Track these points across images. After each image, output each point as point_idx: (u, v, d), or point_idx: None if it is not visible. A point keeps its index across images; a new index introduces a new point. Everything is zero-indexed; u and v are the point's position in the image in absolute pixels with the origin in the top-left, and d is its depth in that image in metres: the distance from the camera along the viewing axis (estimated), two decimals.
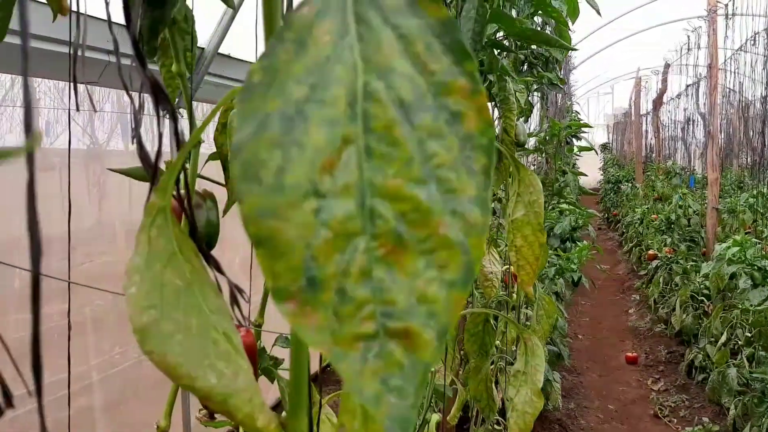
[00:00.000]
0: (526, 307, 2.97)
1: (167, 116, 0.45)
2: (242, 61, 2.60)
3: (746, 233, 4.64)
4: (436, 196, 0.27)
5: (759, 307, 3.08)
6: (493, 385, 2.63)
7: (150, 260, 0.42)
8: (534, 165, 3.39)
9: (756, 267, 3.30)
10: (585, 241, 4.58)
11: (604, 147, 17.70)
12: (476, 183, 0.28)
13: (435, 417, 1.34)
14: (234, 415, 0.42)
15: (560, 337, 3.87)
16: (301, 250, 0.25)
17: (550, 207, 5.29)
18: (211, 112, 0.52)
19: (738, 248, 3.37)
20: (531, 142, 2.89)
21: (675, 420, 4.60)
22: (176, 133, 0.42)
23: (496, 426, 2.26)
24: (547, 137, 2.80)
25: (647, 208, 7.40)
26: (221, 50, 2.45)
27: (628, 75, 14.11)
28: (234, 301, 0.49)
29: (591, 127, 3.31)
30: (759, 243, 3.37)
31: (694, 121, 10.81)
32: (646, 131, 12.76)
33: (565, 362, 4.24)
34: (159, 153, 0.41)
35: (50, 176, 2.23)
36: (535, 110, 3.23)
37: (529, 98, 2.36)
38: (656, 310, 5.99)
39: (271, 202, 0.24)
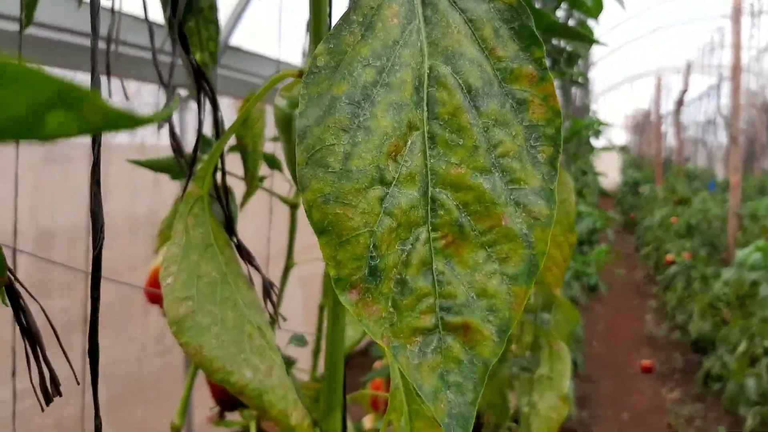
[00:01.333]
0: (542, 312, 2.96)
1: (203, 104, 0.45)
2: (253, 54, 2.60)
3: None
4: (499, 187, 0.27)
5: None
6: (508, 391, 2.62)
7: (187, 250, 0.42)
8: None
9: None
10: (603, 244, 4.56)
11: (623, 148, 17.63)
12: (542, 174, 0.27)
13: None
14: (268, 411, 0.42)
15: (575, 343, 3.86)
16: (365, 238, 0.24)
17: None
18: (243, 103, 0.52)
19: (761, 254, 3.35)
20: None
21: (690, 430, 4.58)
22: (216, 121, 0.42)
23: None
24: (568, 136, 2.78)
25: (667, 211, 7.36)
26: (232, 43, 2.45)
27: (647, 74, 14.04)
28: (267, 295, 0.49)
29: (611, 125, 3.29)
30: None
31: (715, 123, 10.75)
32: (666, 133, 12.69)
33: (579, 369, 4.22)
34: (198, 142, 0.41)
35: (57, 168, 2.24)
36: None
37: None
38: (673, 316, 5.96)
39: (337, 188, 0.24)
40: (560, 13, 2.50)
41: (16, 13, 1.24)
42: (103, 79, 0.61)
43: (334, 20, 0.30)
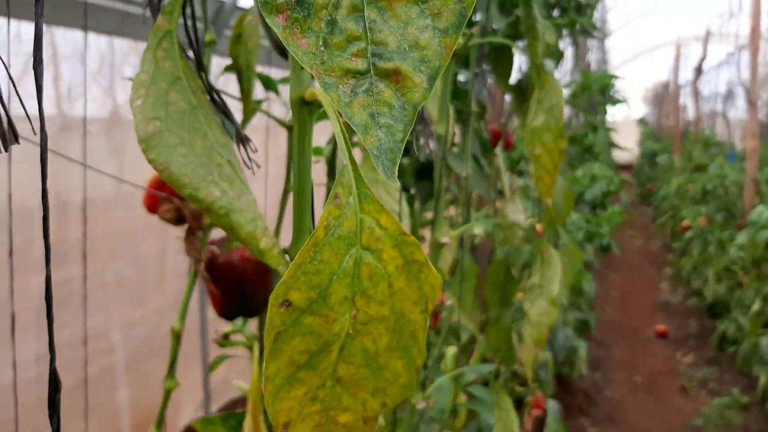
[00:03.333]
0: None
1: None
2: None
3: None
4: None
5: None
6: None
7: (155, 77, 0.44)
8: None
9: None
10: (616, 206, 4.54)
11: (641, 120, 17.39)
12: None
13: (451, 350, 1.36)
14: (236, 232, 0.43)
15: (587, 304, 3.86)
16: None
17: (581, 172, 5.24)
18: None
19: None
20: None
21: (703, 392, 4.57)
22: None
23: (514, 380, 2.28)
24: (578, 91, 2.76)
25: (684, 179, 7.28)
26: (240, 4, 2.45)
27: (667, 44, 13.78)
28: (240, 141, 0.51)
29: (620, 78, 3.26)
30: None
31: (734, 95, 10.56)
32: (685, 105, 12.50)
33: (591, 330, 4.23)
34: None
35: (70, 142, 2.27)
36: (567, 64, 3.18)
37: (560, 46, 2.33)
38: (688, 282, 5.92)
39: None
40: None
41: None
42: None
43: None
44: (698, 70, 8.73)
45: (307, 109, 0.43)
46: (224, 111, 0.49)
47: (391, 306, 0.34)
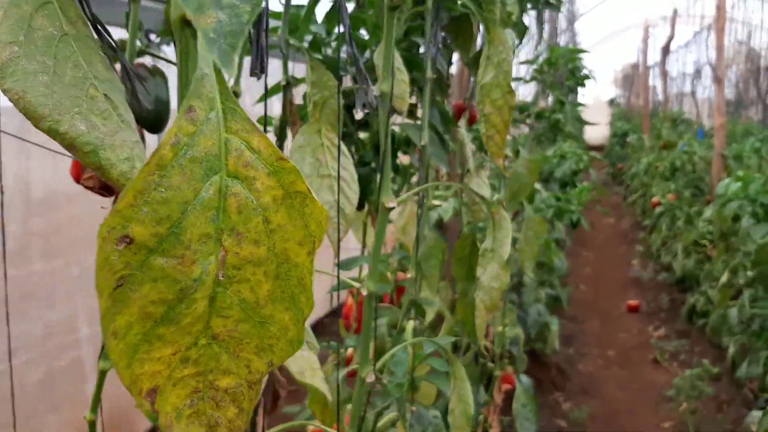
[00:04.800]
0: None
1: None
2: None
3: None
4: None
5: (761, 241, 3.02)
6: None
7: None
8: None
9: (760, 203, 3.24)
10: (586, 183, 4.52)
11: (612, 101, 17.49)
12: None
13: (410, 324, 1.31)
14: (107, 172, 0.37)
15: (559, 280, 3.84)
16: None
17: (551, 151, 5.21)
18: None
19: (741, 183, 3.31)
20: (525, 71, 2.81)
21: (675, 364, 4.60)
22: None
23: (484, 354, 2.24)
24: (545, 66, 2.71)
25: (653, 157, 7.30)
26: None
27: (635, 26, 13.82)
28: (129, 79, 0.44)
29: (587, 52, 3.22)
30: (761, 178, 3.29)
31: (702, 74, 10.62)
32: (654, 85, 12.56)
33: (563, 306, 4.22)
34: None
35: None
36: (535, 44, 3.13)
37: (524, 21, 2.28)
38: (658, 257, 5.96)
39: None
40: None
41: None
42: None
43: None
44: (666, 50, 8.75)
45: (190, 31, 0.36)
46: (111, 46, 0.43)
47: (270, 246, 0.28)
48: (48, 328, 2.39)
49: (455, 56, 2.20)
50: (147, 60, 0.93)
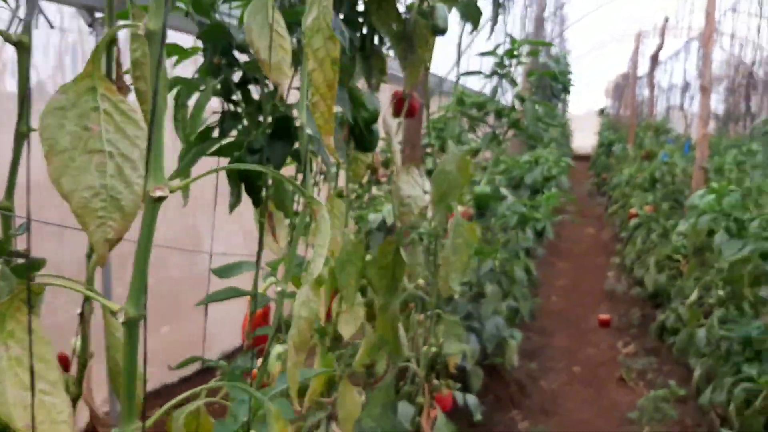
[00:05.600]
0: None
1: None
2: None
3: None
4: None
5: (731, 258, 2.78)
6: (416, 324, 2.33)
7: None
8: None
9: (733, 218, 3.00)
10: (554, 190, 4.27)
11: (602, 111, 17.32)
12: None
13: (277, 349, 1.05)
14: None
15: (529, 291, 3.59)
16: None
17: (527, 156, 4.96)
18: None
19: (714, 196, 3.07)
20: (485, 65, 2.55)
21: (641, 383, 4.36)
22: None
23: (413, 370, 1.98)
24: (505, 58, 2.46)
25: (635, 168, 7.08)
26: None
27: (626, 36, 13.62)
28: None
29: (552, 45, 2.96)
30: (737, 191, 3.05)
31: (691, 86, 10.42)
32: (642, 96, 12.35)
33: (525, 319, 3.97)
34: None
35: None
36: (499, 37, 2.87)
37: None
38: (632, 270, 5.72)
39: None
40: None
41: None
42: None
43: None
44: (654, 58, 8.52)
45: None
46: None
47: None
48: None
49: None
50: None
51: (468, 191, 2.64)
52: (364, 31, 1.53)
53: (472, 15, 1.76)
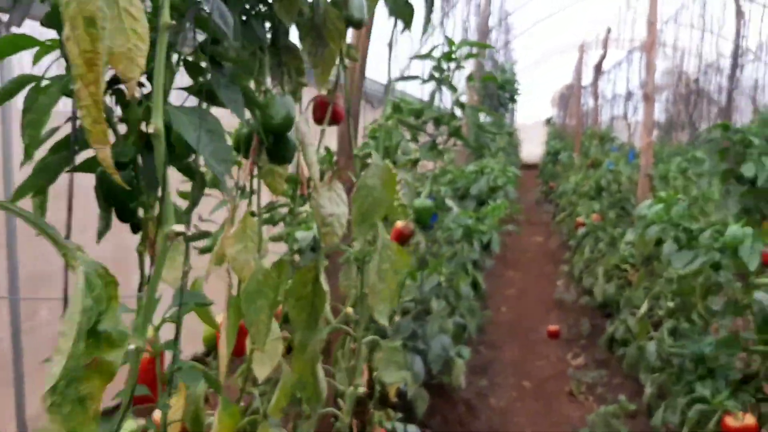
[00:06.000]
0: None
1: None
2: None
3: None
4: None
5: (681, 272, 2.64)
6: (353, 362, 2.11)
7: None
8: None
9: (682, 228, 2.86)
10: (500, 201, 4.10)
11: (548, 121, 17.48)
12: None
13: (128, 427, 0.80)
14: None
15: (479, 303, 3.39)
16: None
17: (472, 166, 4.79)
18: None
19: (662, 206, 2.93)
20: (422, 68, 2.34)
21: (591, 398, 4.22)
22: None
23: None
24: (443, 62, 2.26)
25: (581, 176, 7.02)
26: None
27: (571, 47, 13.75)
28: None
29: (492, 48, 2.79)
30: (685, 200, 2.93)
31: (634, 96, 10.52)
32: (587, 105, 12.45)
33: (472, 335, 3.78)
34: None
35: None
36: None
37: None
38: (580, 280, 5.61)
39: None
40: None
41: None
42: None
43: None
44: (598, 68, 8.54)
45: None
46: None
47: None
48: None
49: None
50: None
51: (408, 206, 2.43)
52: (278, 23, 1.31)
53: (401, 12, 1.54)
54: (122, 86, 1.02)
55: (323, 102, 1.60)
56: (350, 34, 2.37)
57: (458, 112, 2.39)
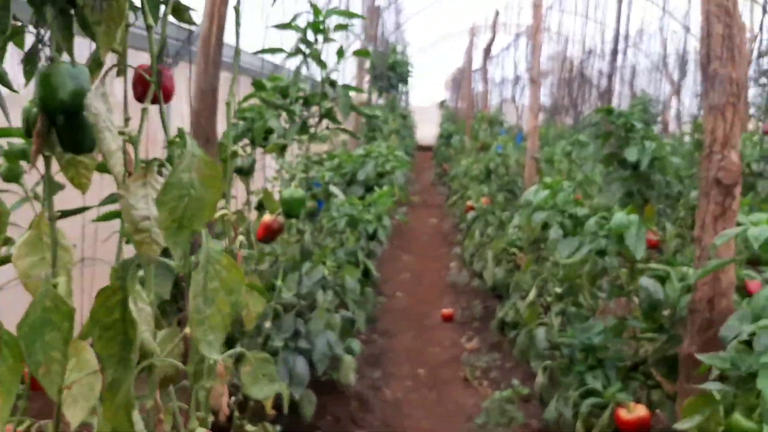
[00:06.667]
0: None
1: None
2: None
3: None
4: None
5: (568, 261, 2.52)
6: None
7: None
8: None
9: (567, 214, 2.74)
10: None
11: (442, 103, 17.54)
12: None
13: None
14: None
15: (354, 299, 3.14)
16: None
17: (361, 150, 4.53)
18: None
19: (548, 192, 2.79)
20: (285, 39, 2.05)
21: (486, 383, 4.11)
22: None
23: None
24: (309, 32, 1.96)
25: (472, 159, 6.94)
26: None
27: (462, 32, 13.77)
28: None
29: (362, 17, 2.54)
30: (570, 186, 2.81)
31: (522, 80, 10.63)
32: (477, 89, 12.52)
33: (360, 329, 3.54)
34: None
35: None
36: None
37: None
38: (471, 263, 5.52)
39: None
40: None
41: None
42: None
43: None
44: (487, 51, 8.51)
45: None
46: None
47: None
48: None
49: None
50: None
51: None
52: None
53: None
54: None
55: (143, 73, 1.26)
56: None
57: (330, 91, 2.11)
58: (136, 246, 1.06)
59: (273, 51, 1.99)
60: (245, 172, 2.64)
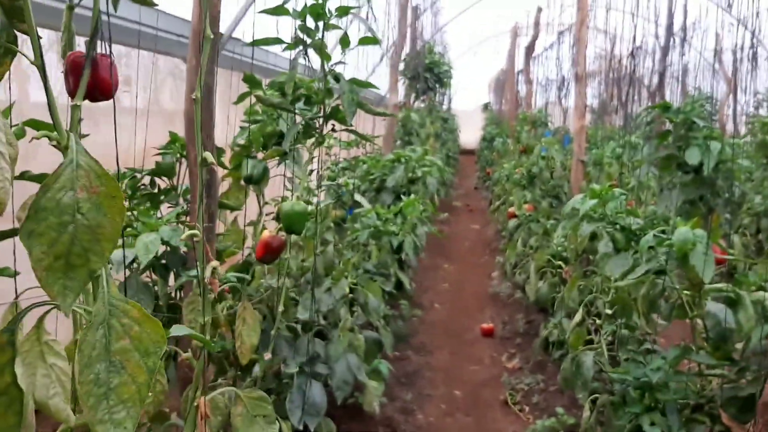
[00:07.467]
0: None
1: None
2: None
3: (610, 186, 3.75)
4: None
5: (620, 283, 2.13)
6: None
7: None
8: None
9: (618, 226, 2.35)
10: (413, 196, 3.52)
11: (486, 106, 17.07)
12: None
13: None
14: None
15: (378, 319, 2.82)
16: None
17: (391, 155, 4.20)
18: None
19: (596, 200, 2.41)
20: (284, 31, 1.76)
21: (527, 408, 3.72)
22: None
23: None
24: (308, 17, 1.66)
25: (514, 162, 6.53)
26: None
27: (505, 32, 13.29)
28: None
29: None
30: (623, 195, 2.42)
31: (567, 81, 10.12)
32: (521, 90, 12.03)
33: (387, 351, 3.21)
34: None
35: None
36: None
37: None
38: (513, 275, 5.11)
39: None
40: None
41: None
42: None
43: None
44: (530, 49, 8.09)
45: None
46: None
47: None
48: None
49: None
50: None
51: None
52: None
53: None
54: None
55: (76, 63, 0.97)
56: None
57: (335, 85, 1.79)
58: None
59: (268, 42, 1.69)
60: (255, 181, 2.35)
